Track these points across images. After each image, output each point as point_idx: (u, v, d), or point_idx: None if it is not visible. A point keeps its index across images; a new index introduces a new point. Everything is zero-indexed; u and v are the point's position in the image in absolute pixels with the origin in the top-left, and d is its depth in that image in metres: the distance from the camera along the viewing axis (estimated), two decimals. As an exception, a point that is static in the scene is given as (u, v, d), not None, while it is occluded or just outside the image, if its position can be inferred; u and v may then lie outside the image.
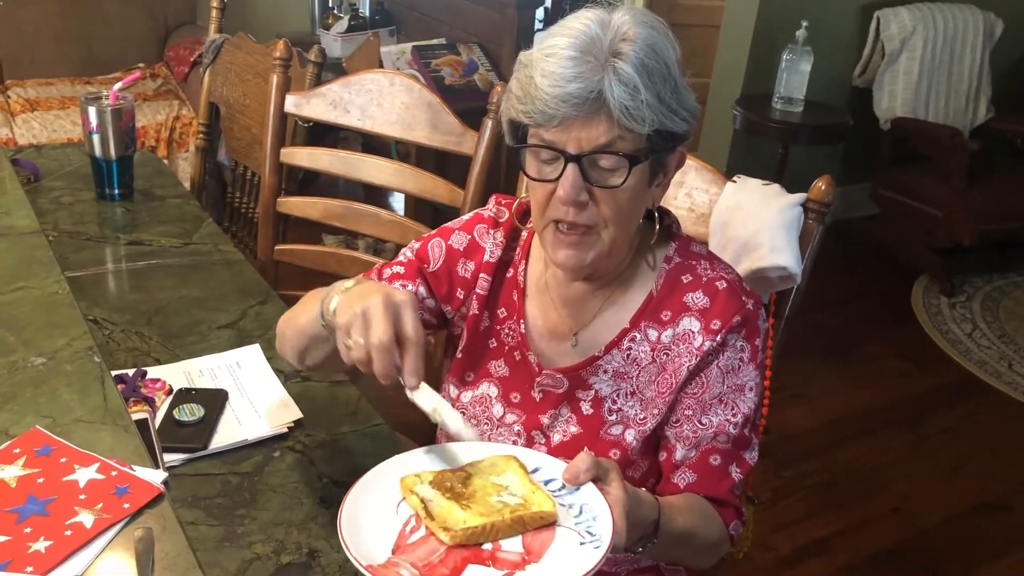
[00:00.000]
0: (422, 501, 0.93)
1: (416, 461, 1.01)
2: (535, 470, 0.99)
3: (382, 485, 0.97)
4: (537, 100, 1.00)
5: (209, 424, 1.27)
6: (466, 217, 1.26)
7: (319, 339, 1.10)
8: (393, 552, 0.89)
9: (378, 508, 0.94)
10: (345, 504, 0.93)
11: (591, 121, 0.99)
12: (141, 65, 4.11)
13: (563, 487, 0.96)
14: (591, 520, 0.91)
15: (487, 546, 0.90)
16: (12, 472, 0.89)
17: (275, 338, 1.26)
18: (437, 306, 1.25)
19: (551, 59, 0.99)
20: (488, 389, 1.22)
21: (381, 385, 1.14)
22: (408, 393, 0.98)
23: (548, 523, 0.92)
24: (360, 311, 0.95)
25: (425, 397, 0.98)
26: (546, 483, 0.97)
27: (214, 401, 1.32)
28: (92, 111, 1.86)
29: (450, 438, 1.26)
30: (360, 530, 0.90)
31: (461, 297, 1.23)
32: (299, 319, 1.14)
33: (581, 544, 0.89)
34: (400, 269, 1.24)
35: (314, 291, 1.24)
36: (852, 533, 2.43)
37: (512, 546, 0.90)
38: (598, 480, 0.95)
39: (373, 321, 0.94)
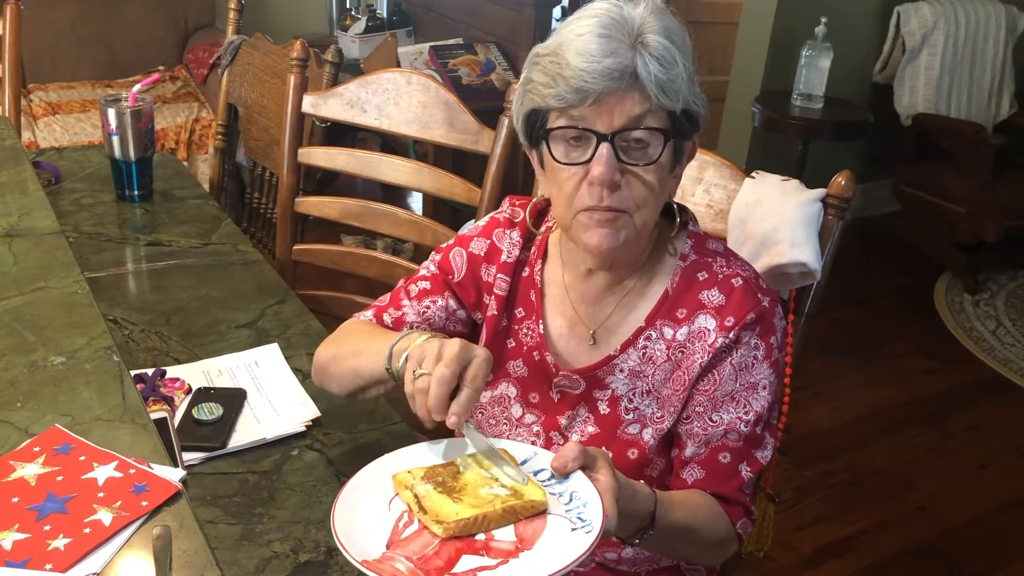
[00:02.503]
0: (415, 496, 0.94)
1: (406, 458, 1.01)
2: (524, 462, 1.00)
3: (374, 483, 0.97)
4: (571, 79, 0.99)
5: (228, 423, 1.28)
6: (482, 223, 1.25)
7: (376, 383, 1.12)
8: (387, 547, 0.89)
9: (371, 505, 0.94)
10: (338, 503, 0.93)
11: (625, 97, 1.00)
12: (160, 67, 4.14)
13: (552, 477, 0.97)
14: (581, 507, 0.92)
15: (480, 536, 0.90)
16: (32, 470, 0.90)
17: (311, 366, 1.27)
18: (468, 316, 1.25)
19: (583, 38, 1.00)
20: (507, 389, 1.22)
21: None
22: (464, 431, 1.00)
23: (539, 512, 0.92)
24: (438, 347, 0.98)
25: (474, 438, 1.00)
26: (536, 474, 0.98)
27: (233, 400, 1.32)
28: (111, 113, 1.87)
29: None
30: (354, 527, 0.91)
31: (488, 302, 1.23)
32: (351, 362, 1.16)
33: (572, 530, 0.89)
34: (426, 285, 1.24)
35: (353, 325, 1.25)
36: (875, 532, 2.41)
37: (505, 535, 0.90)
38: (587, 468, 0.95)
39: (445, 357, 0.96)
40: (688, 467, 1.13)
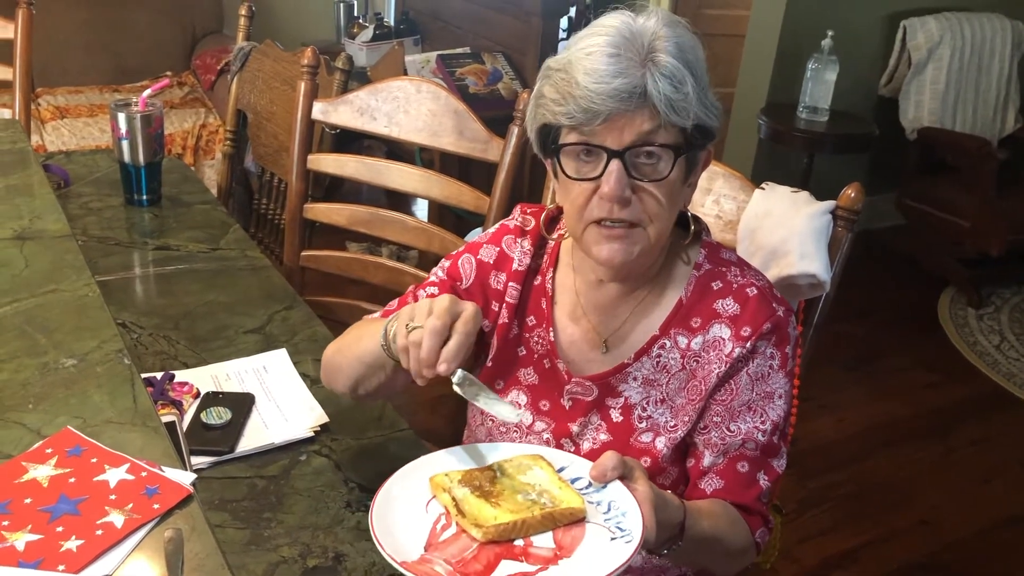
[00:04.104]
0: (453, 499, 0.94)
1: (444, 461, 1.02)
2: (561, 469, 1.00)
3: (411, 484, 0.98)
4: (580, 99, 0.99)
5: (236, 427, 1.28)
6: (492, 230, 1.26)
7: (376, 367, 1.12)
8: (425, 549, 0.90)
9: (408, 507, 0.95)
10: (375, 503, 0.94)
11: (635, 115, 1.00)
12: (168, 73, 4.15)
13: (590, 485, 0.97)
14: (620, 516, 0.92)
15: (519, 542, 0.91)
16: (44, 472, 0.90)
17: (320, 367, 1.28)
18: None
19: (592, 57, 1.00)
20: (517, 397, 1.22)
21: (410, 390, 1.14)
22: (455, 387, 1.01)
23: (578, 519, 0.93)
24: (429, 303, 1.00)
25: (469, 390, 1.01)
26: (573, 481, 0.98)
27: (241, 405, 1.32)
28: (122, 117, 1.88)
29: (478, 439, 1.26)
30: (392, 528, 0.91)
31: (496, 309, 1.23)
32: (354, 349, 1.17)
33: (612, 539, 0.90)
34: (434, 291, 1.24)
35: (360, 323, 1.26)
36: (879, 545, 2.40)
37: (544, 542, 0.91)
38: (624, 478, 0.95)
39: (435, 310, 0.99)
40: (706, 477, 1.13)
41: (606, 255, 1.07)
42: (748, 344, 1.10)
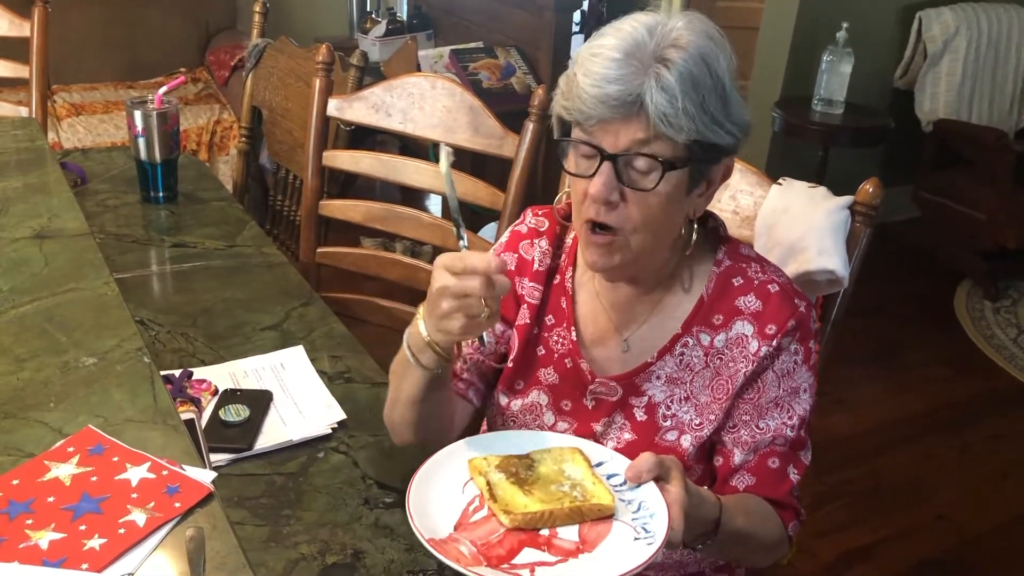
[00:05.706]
0: (488, 483, 0.97)
1: (485, 445, 1.05)
2: (599, 464, 1.02)
3: (451, 464, 1.01)
4: (577, 98, 1.01)
5: (254, 425, 1.28)
6: (504, 239, 1.25)
7: (425, 389, 1.09)
8: (455, 528, 0.93)
9: (445, 486, 0.98)
10: (415, 479, 0.97)
11: (630, 123, 0.99)
12: (182, 69, 4.16)
13: (625, 483, 0.98)
14: (648, 517, 0.93)
15: (544, 532, 0.93)
16: (67, 470, 0.91)
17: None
18: (505, 330, 1.24)
19: (596, 59, 1.00)
20: (538, 397, 1.21)
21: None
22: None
23: (606, 516, 0.94)
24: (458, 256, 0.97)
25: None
26: (608, 477, 1.00)
27: (259, 402, 1.33)
28: (138, 115, 1.89)
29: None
30: (427, 505, 0.94)
31: (520, 311, 1.22)
32: (398, 394, 1.14)
33: (635, 539, 0.91)
34: None
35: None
36: (896, 541, 2.40)
37: (568, 534, 0.93)
38: (660, 479, 0.96)
39: (467, 257, 0.95)
40: (737, 475, 1.14)
41: (592, 259, 1.09)
42: (774, 342, 1.10)
